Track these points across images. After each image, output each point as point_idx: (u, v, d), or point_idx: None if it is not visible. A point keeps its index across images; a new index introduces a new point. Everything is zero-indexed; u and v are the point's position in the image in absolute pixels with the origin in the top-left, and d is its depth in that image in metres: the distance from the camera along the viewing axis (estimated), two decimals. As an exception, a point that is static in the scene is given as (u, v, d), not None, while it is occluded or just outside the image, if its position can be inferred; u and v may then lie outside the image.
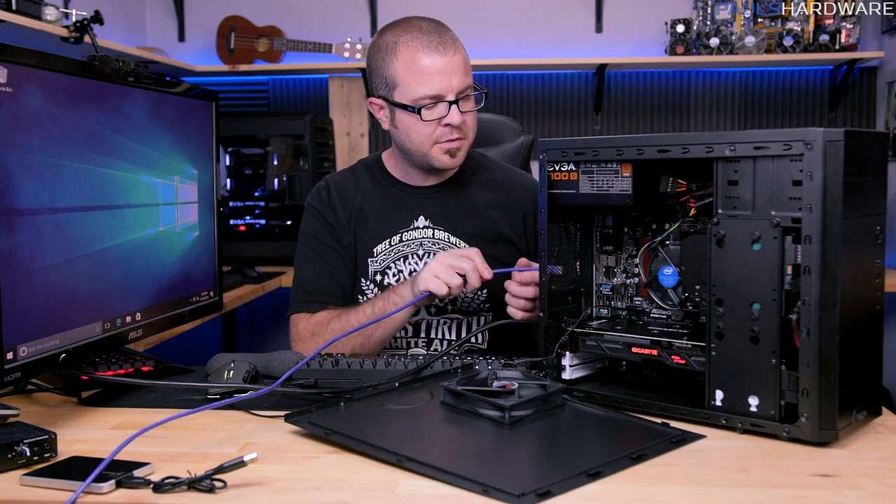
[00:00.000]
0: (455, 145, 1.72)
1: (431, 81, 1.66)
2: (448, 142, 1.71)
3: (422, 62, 1.66)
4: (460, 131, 1.71)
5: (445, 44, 1.68)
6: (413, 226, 1.80)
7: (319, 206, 1.84)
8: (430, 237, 1.80)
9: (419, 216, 1.81)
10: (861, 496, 0.97)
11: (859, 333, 1.15)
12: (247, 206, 3.52)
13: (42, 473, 1.03)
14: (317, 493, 0.99)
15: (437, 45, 1.67)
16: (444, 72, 1.66)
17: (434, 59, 1.66)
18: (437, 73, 1.66)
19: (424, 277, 1.57)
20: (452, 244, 1.79)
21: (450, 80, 1.66)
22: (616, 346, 1.32)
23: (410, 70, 1.67)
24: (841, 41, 3.73)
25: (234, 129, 3.51)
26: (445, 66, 1.66)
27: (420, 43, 1.67)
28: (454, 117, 1.68)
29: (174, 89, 1.58)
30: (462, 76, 1.68)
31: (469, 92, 1.71)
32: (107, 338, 1.38)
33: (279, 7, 4.08)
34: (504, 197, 1.85)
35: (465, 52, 1.72)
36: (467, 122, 1.72)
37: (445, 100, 1.67)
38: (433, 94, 1.67)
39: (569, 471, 1.01)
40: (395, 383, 1.35)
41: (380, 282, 1.78)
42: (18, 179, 1.17)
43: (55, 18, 2.71)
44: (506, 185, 1.87)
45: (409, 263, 1.79)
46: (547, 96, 4.08)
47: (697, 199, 1.30)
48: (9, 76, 1.14)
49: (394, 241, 1.80)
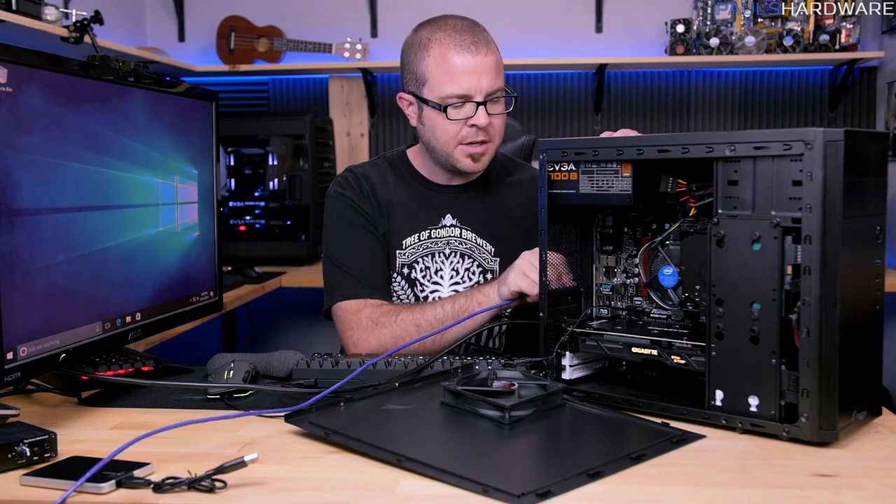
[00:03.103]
0: (479, 149, 1.71)
1: (460, 80, 1.66)
2: (472, 144, 1.70)
3: (452, 60, 1.67)
4: (486, 133, 1.70)
5: (478, 44, 1.67)
6: (441, 224, 1.80)
7: (351, 194, 1.80)
8: (458, 237, 1.79)
9: (446, 214, 1.80)
10: (861, 496, 0.97)
11: (859, 333, 1.15)
12: (247, 206, 3.52)
13: (42, 473, 1.03)
14: (317, 493, 0.99)
15: (470, 45, 1.67)
16: (474, 72, 1.66)
17: (465, 58, 1.66)
18: (466, 73, 1.66)
19: (513, 278, 1.55)
20: (479, 245, 1.79)
21: (479, 80, 1.66)
22: (616, 346, 1.32)
23: (441, 67, 1.67)
24: (841, 41, 3.73)
25: (234, 129, 3.51)
26: (476, 67, 1.66)
27: (453, 41, 1.67)
28: (481, 118, 1.67)
29: (174, 89, 1.58)
30: (492, 78, 1.68)
31: (499, 95, 1.70)
32: (107, 338, 1.38)
33: (279, 7, 4.08)
34: (527, 196, 1.84)
35: (499, 55, 1.72)
36: (494, 124, 1.71)
37: (473, 100, 1.67)
38: (461, 94, 1.67)
39: (569, 471, 1.01)
40: (395, 383, 1.35)
41: (407, 275, 1.77)
42: (18, 179, 1.17)
43: (55, 18, 2.71)
44: (528, 185, 1.86)
45: (437, 261, 1.78)
46: (547, 96, 4.08)
47: (697, 199, 1.30)
48: (9, 76, 1.14)
49: (422, 237, 1.79)
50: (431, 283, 1.78)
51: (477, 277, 1.77)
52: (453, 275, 1.77)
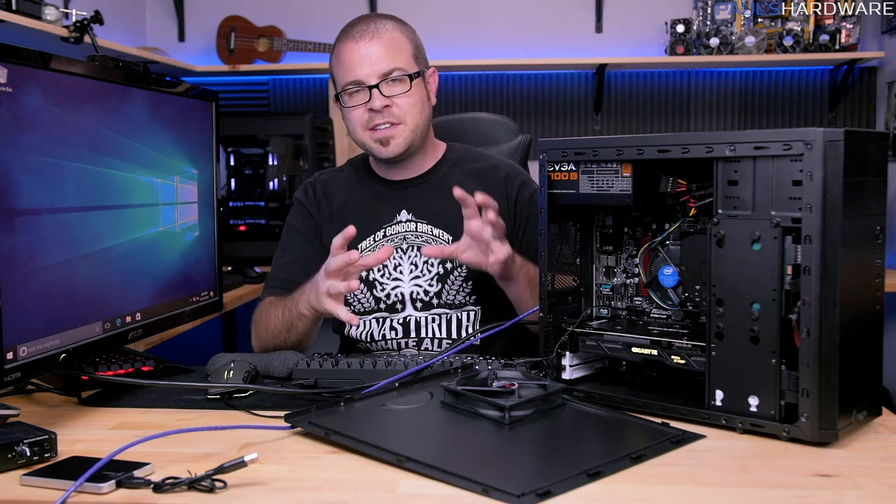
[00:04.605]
0: (386, 133, 1.74)
1: (351, 68, 1.72)
2: (376, 129, 1.73)
3: (341, 51, 1.75)
4: (390, 115, 1.73)
5: (365, 31, 1.73)
6: (396, 220, 1.81)
7: (304, 200, 1.88)
8: (413, 230, 1.80)
9: (401, 210, 1.82)
10: (861, 496, 0.97)
11: (859, 333, 1.15)
12: (247, 206, 3.51)
13: (42, 473, 1.03)
14: (317, 493, 0.99)
15: (355, 34, 1.73)
16: (363, 58, 1.71)
17: (350, 47, 1.73)
18: (354, 60, 1.72)
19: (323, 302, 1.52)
20: (436, 237, 1.79)
21: (371, 65, 1.71)
22: (616, 346, 1.32)
23: (336, 63, 1.77)
24: (841, 41, 3.73)
25: (234, 129, 3.51)
26: (361, 51, 1.72)
27: (344, 35, 1.76)
28: (374, 101, 1.71)
29: (174, 89, 1.58)
30: (383, 60, 1.71)
31: (396, 75, 1.72)
32: (107, 338, 1.38)
33: (279, 7, 4.08)
34: (483, 183, 1.80)
35: (397, 36, 1.75)
36: (399, 104, 1.73)
37: (365, 84, 1.71)
38: (352, 80, 1.72)
39: (569, 471, 1.01)
40: (395, 383, 1.35)
41: (365, 278, 1.78)
42: (18, 179, 1.17)
43: (55, 18, 2.71)
44: (485, 172, 1.86)
45: (395, 258, 1.79)
46: (547, 96, 4.08)
47: (697, 199, 1.30)
48: (9, 76, 1.14)
49: (377, 237, 1.81)
50: (392, 279, 1.78)
51: (437, 269, 1.78)
52: (412, 269, 1.78)
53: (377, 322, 1.79)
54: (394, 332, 1.78)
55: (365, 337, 1.79)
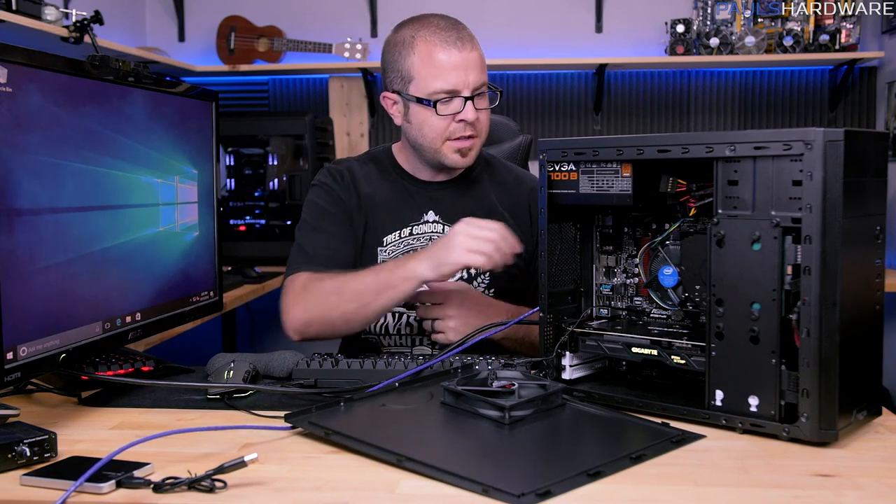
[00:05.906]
0: (466, 144, 1.73)
1: (448, 76, 1.67)
2: (459, 139, 1.72)
3: (439, 56, 1.68)
4: (473, 128, 1.72)
5: (463, 39, 1.70)
6: (423, 220, 1.81)
7: (333, 184, 1.81)
8: (440, 233, 1.79)
9: (429, 211, 1.81)
10: (861, 496, 0.97)
11: (859, 333, 1.15)
12: (247, 206, 3.52)
13: (42, 473, 1.03)
14: (317, 493, 0.99)
15: (455, 41, 1.69)
16: (460, 67, 1.68)
17: (451, 53, 1.68)
18: (453, 68, 1.68)
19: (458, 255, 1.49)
20: None
21: (466, 75, 1.68)
22: (616, 346, 1.32)
23: (427, 64, 1.69)
24: (841, 41, 3.73)
25: (234, 129, 3.51)
26: (462, 62, 1.68)
27: (438, 38, 1.69)
28: (469, 113, 1.69)
29: (174, 89, 1.58)
30: (478, 73, 1.70)
31: (484, 90, 1.73)
32: (107, 338, 1.38)
33: (279, 7, 4.08)
34: (509, 198, 1.85)
35: (481, 51, 1.74)
36: (481, 119, 1.73)
37: (461, 95, 1.69)
38: (449, 89, 1.68)
39: (569, 471, 1.01)
40: (395, 383, 1.35)
41: None
42: (18, 179, 1.17)
43: (55, 18, 2.71)
44: (512, 187, 1.88)
45: None
46: (547, 96, 4.08)
47: (697, 199, 1.30)
48: (9, 76, 1.14)
49: (404, 234, 1.80)
50: None
51: (460, 273, 1.77)
52: None
53: (394, 317, 1.78)
54: (409, 329, 1.78)
55: (379, 329, 1.79)
